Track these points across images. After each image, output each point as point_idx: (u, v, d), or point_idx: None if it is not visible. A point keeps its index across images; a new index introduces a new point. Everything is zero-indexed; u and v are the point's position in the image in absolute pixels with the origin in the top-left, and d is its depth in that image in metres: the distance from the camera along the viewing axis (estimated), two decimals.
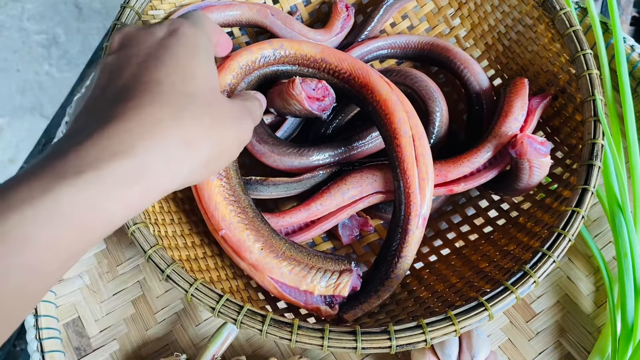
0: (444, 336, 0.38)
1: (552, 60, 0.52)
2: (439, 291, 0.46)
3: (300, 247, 0.43)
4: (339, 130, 0.55)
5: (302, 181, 0.49)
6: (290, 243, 0.43)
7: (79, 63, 1.55)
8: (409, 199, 0.43)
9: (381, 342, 0.38)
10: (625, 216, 0.48)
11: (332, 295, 0.42)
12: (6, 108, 1.50)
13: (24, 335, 0.68)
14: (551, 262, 0.40)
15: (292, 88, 0.47)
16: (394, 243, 0.44)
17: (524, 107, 0.49)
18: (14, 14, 1.61)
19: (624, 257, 0.47)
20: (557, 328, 0.51)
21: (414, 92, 0.50)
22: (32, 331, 0.50)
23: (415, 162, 0.44)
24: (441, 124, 0.51)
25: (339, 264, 0.43)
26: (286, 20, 0.57)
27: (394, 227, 0.44)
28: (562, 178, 0.49)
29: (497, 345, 0.51)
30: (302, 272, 0.42)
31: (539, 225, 0.46)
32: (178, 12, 0.55)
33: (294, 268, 0.42)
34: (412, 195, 0.43)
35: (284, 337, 0.38)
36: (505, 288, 0.39)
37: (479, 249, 0.49)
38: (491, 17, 0.58)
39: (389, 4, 0.59)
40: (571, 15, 0.49)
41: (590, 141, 0.44)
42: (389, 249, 0.44)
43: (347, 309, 0.43)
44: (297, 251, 0.43)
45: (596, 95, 0.46)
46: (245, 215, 0.43)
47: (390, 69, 0.52)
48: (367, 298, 0.43)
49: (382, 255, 0.45)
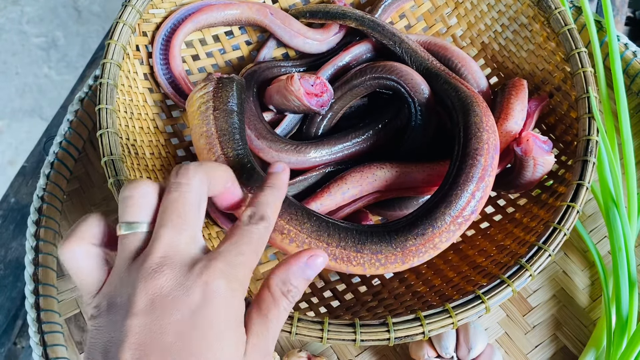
0: (442, 328, 0.39)
1: (547, 58, 0.52)
2: (437, 285, 0.46)
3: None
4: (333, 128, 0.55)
5: (295, 184, 0.50)
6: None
7: (78, 66, 1.55)
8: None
9: (380, 334, 0.38)
10: (620, 211, 0.48)
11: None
12: (5, 111, 1.50)
13: (25, 333, 0.68)
14: (547, 256, 0.40)
15: (291, 84, 0.47)
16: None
17: (523, 110, 0.50)
18: (13, 17, 1.62)
19: (618, 252, 0.48)
20: (553, 321, 0.52)
21: (400, 86, 0.51)
22: (34, 325, 0.50)
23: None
24: (429, 116, 0.51)
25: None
26: (285, 19, 0.58)
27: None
28: (558, 174, 0.49)
29: (493, 338, 0.51)
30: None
31: (535, 221, 0.47)
32: (178, 12, 0.55)
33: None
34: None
35: (284, 330, 0.38)
36: (501, 281, 0.40)
37: (475, 244, 0.50)
38: (487, 17, 0.59)
39: (387, 4, 0.60)
40: (566, 14, 0.50)
41: (585, 138, 0.45)
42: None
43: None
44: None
45: (590, 92, 0.46)
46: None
47: (376, 64, 0.53)
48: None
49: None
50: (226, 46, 0.60)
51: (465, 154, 0.42)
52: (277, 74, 0.57)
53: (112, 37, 0.49)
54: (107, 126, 0.46)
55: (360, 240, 0.40)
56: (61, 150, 0.58)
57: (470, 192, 0.41)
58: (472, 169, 0.41)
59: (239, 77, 0.47)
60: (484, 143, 0.42)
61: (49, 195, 0.56)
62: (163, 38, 0.55)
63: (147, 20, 0.55)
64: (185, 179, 0.32)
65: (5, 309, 0.67)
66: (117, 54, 0.49)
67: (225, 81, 0.45)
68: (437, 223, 0.41)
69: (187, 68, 0.58)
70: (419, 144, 0.52)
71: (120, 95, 0.49)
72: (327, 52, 0.59)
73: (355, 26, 0.56)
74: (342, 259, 0.40)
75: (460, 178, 0.41)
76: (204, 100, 0.44)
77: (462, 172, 0.41)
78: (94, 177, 0.59)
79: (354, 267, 0.40)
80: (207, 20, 0.56)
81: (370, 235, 0.41)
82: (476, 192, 0.41)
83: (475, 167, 0.41)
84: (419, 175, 0.48)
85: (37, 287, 0.52)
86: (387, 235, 0.41)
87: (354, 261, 0.40)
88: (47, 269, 0.53)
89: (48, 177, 0.57)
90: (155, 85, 0.56)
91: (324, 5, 0.58)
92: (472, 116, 0.44)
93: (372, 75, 0.52)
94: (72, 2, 1.63)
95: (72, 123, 0.60)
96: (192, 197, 0.32)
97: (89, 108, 0.60)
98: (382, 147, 0.53)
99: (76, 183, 0.59)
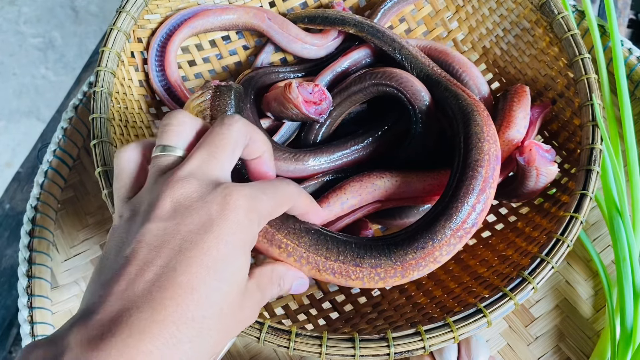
0: (443, 343, 0.38)
1: (550, 64, 0.51)
2: (437, 297, 0.46)
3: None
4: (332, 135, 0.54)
5: None
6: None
7: (75, 67, 1.55)
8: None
9: (379, 350, 0.38)
10: (624, 220, 0.48)
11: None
12: (3, 112, 1.49)
13: (20, 342, 0.68)
14: (550, 268, 0.40)
15: (289, 92, 0.47)
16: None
17: (526, 117, 0.49)
18: (10, 18, 1.61)
19: (622, 261, 0.47)
20: (556, 332, 0.51)
21: (400, 93, 0.50)
22: (28, 339, 0.49)
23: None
24: (429, 124, 0.50)
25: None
26: (283, 24, 0.57)
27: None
28: (561, 183, 0.48)
29: (496, 350, 0.50)
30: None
31: (538, 230, 0.46)
32: (174, 18, 0.54)
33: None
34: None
35: (282, 345, 0.37)
36: (503, 294, 0.39)
37: (477, 254, 0.49)
38: (489, 21, 0.58)
39: (387, 8, 0.59)
40: (569, 19, 0.49)
41: (589, 146, 0.44)
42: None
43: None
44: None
45: (594, 100, 0.45)
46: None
47: (376, 70, 0.52)
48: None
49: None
50: (223, 51, 0.59)
51: (465, 166, 0.41)
52: (275, 79, 0.57)
53: (106, 44, 0.48)
54: (101, 135, 0.45)
55: (359, 254, 0.40)
56: (55, 159, 0.57)
57: (470, 205, 0.40)
58: (472, 180, 0.40)
59: (237, 85, 0.46)
60: (484, 154, 0.41)
61: (42, 205, 0.55)
62: (158, 44, 0.54)
63: (142, 26, 0.54)
64: (230, 120, 0.35)
65: (0, 317, 0.67)
66: (112, 61, 0.48)
67: (223, 89, 0.44)
68: (437, 236, 0.40)
69: (184, 74, 0.58)
70: (420, 151, 0.51)
71: (114, 103, 0.48)
72: (326, 57, 0.58)
73: (354, 32, 0.55)
74: (341, 274, 0.39)
75: (461, 190, 0.40)
76: (201, 109, 0.44)
77: (463, 185, 0.40)
78: (89, 185, 0.58)
79: (353, 281, 0.40)
80: (203, 26, 0.56)
81: (370, 249, 0.40)
82: (477, 205, 0.40)
83: (476, 179, 0.40)
84: (419, 185, 0.47)
85: (31, 299, 0.51)
86: (387, 248, 0.40)
87: (352, 275, 0.39)
88: (41, 281, 0.52)
89: (42, 186, 0.56)
90: (151, 92, 0.55)
91: (322, 11, 0.57)
92: (472, 126, 0.43)
93: (371, 82, 0.51)
94: (69, 2, 1.62)
95: (67, 131, 0.59)
96: (231, 136, 0.34)
97: (83, 115, 0.59)
98: (381, 154, 0.52)
99: (71, 191, 0.58)
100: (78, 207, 0.58)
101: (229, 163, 0.34)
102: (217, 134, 0.34)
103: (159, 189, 0.32)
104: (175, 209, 0.31)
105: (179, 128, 0.35)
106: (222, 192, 0.31)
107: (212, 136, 0.34)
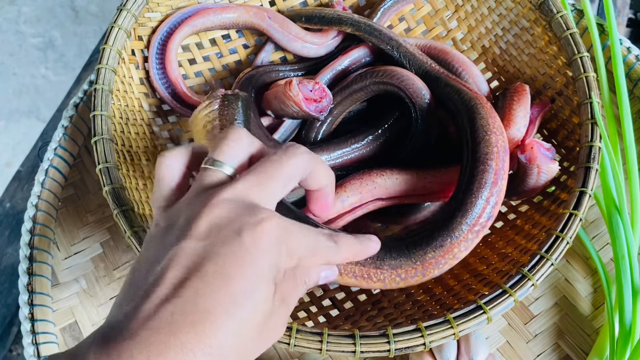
0: (443, 339, 0.38)
1: (549, 62, 0.52)
2: (437, 294, 0.46)
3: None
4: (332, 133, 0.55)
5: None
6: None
7: (75, 66, 1.55)
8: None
9: (380, 346, 0.38)
10: (623, 218, 0.48)
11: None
12: (2, 111, 1.49)
13: (21, 340, 0.68)
14: (549, 265, 0.40)
15: (290, 89, 0.47)
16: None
17: (526, 116, 0.49)
18: (10, 17, 1.61)
19: (621, 259, 0.47)
20: (555, 330, 0.51)
21: (401, 91, 0.50)
22: (29, 336, 0.49)
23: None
24: (430, 122, 0.50)
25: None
26: (283, 23, 0.57)
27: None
28: (560, 180, 0.49)
29: (495, 347, 0.50)
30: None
31: (537, 228, 0.46)
32: (174, 16, 0.55)
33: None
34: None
35: (282, 342, 0.37)
36: (503, 291, 0.39)
37: (476, 251, 0.49)
38: (488, 20, 0.58)
39: (386, 7, 0.59)
40: (568, 19, 0.49)
41: (588, 144, 0.44)
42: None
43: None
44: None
45: (593, 98, 0.46)
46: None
47: (376, 68, 0.52)
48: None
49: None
50: (223, 50, 0.59)
51: (475, 159, 0.41)
52: (275, 78, 0.57)
53: (107, 42, 0.49)
54: (102, 133, 0.45)
55: (379, 256, 0.40)
56: (56, 157, 0.58)
57: (485, 199, 0.40)
58: (484, 174, 0.41)
59: (244, 93, 0.45)
60: (493, 146, 0.42)
61: (43, 203, 0.55)
62: (159, 42, 0.54)
63: (143, 24, 0.54)
64: (293, 152, 0.34)
65: (1, 316, 0.67)
66: (112, 59, 0.48)
67: (231, 98, 0.44)
68: (454, 233, 0.40)
69: (184, 72, 0.58)
70: (420, 149, 0.51)
71: (115, 101, 0.48)
72: (326, 55, 0.59)
73: (352, 31, 0.55)
74: (362, 276, 0.40)
75: (474, 185, 0.40)
76: (209, 119, 0.43)
77: (475, 179, 0.41)
78: (90, 183, 0.59)
79: (375, 283, 0.40)
80: (204, 24, 0.56)
81: (389, 250, 0.40)
82: (490, 198, 0.40)
83: (487, 172, 0.41)
84: (420, 183, 0.47)
85: (32, 296, 0.51)
86: (406, 249, 0.40)
87: (374, 277, 0.40)
88: (42, 278, 0.52)
89: (42, 184, 0.56)
90: (151, 90, 0.55)
91: (320, 10, 0.57)
92: (477, 119, 0.43)
93: (372, 80, 0.51)
94: (69, 2, 1.62)
95: (67, 129, 0.59)
96: (288, 169, 0.33)
97: (84, 113, 0.59)
98: (382, 152, 0.52)
99: (71, 189, 0.59)
100: (79, 205, 0.58)
101: (276, 195, 0.33)
102: (273, 162, 0.33)
103: (198, 207, 0.31)
104: (210, 230, 0.30)
105: (234, 144, 0.34)
106: (259, 220, 0.30)
107: (267, 164, 0.33)
